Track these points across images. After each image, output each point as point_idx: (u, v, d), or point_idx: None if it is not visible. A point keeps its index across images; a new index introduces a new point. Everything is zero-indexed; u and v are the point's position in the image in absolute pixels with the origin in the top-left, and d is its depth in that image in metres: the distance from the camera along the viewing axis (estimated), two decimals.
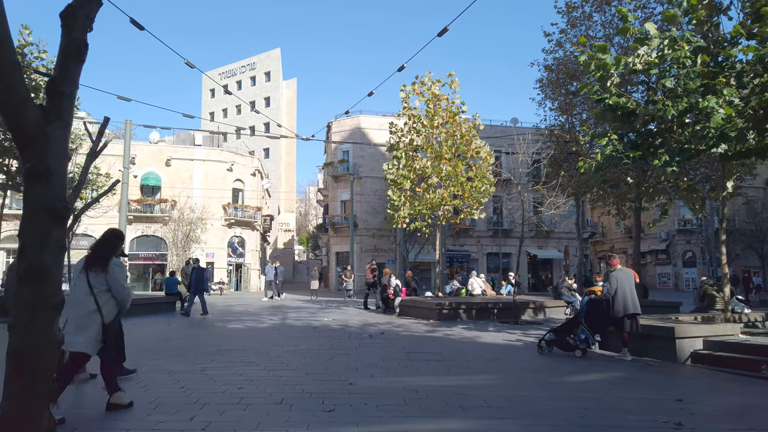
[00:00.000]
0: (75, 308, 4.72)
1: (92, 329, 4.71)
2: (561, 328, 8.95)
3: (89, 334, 4.69)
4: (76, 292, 4.80)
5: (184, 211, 35.43)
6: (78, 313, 4.71)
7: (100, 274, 4.80)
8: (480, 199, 18.59)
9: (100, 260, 4.85)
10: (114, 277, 4.84)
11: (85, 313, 4.71)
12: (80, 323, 4.69)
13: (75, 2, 2.44)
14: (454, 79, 18.86)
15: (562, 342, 8.77)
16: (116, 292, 4.87)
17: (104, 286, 4.80)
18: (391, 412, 4.91)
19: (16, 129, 2.26)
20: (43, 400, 2.36)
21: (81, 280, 4.80)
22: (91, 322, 4.71)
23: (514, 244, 38.34)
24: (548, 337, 8.89)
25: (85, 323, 4.70)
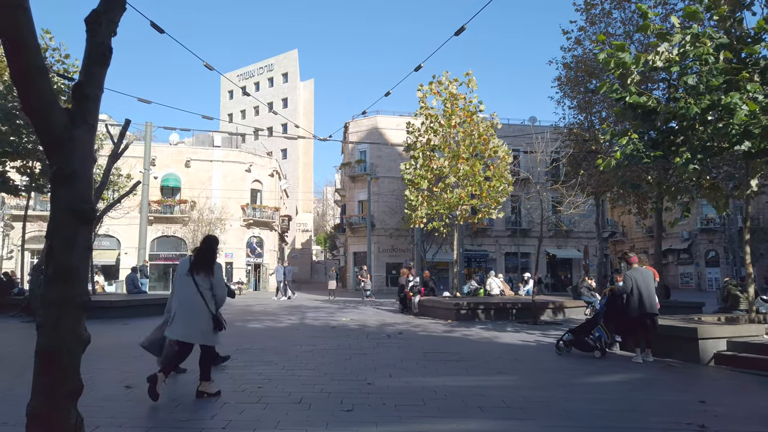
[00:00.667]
0: (184, 305, 5.37)
1: (206, 324, 5.35)
2: (579, 328, 8.86)
3: (205, 329, 5.34)
4: (185, 291, 5.40)
5: (203, 212, 35.82)
6: (187, 309, 5.34)
7: (203, 275, 5.40)
8: (498, 198, 18.48)
9: (206, 264, 5.47)
10: (218, 278, 5.52)
11: (193, 309, 5.32)
12: (194, 320, 5.32)
13: (99, 7, 2.49)
14: (472, 78, 18.78)
15: (580, 342, 8.67)
16: (218, 291, 5.49)
17: (208, 285, 5.41)
18: (410, 412, 4.91)
19: (43, 132, 2.31)
20: (70, 398, 2.41)
21: (188, 280, 5.40)
22: (203, 318, 5.33)
23: (533, 243, 38.04)
24: (566, 337, 8.80)
25: (198, 320, 5.31)
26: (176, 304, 5.46)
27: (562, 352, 8.69)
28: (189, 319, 5.31)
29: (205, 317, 5.35)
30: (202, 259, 5.50)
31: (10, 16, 2.11)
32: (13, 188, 17.73)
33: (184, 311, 5.34)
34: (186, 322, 5.31)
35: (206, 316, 5.36)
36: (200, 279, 5.39)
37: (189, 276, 5.41)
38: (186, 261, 5.58)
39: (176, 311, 5.40)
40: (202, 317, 5.34)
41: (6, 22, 2.13)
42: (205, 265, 5.45)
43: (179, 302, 5.40)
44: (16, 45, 2.17)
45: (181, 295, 5.43)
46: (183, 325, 5.31)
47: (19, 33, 2.14)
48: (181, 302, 5.38)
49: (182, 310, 5.35)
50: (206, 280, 5.41)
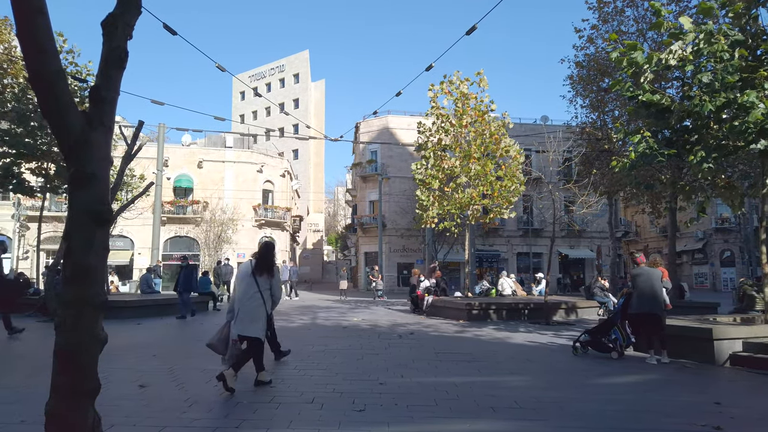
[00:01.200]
0: (247, 304, 5.88)
1: (262, 320, 5.95)
2: (596, 329, 8.79)
3: (260, 324, 5.94)
4: (247, 291, 5.94)
5: (215, 212, 36.05)
6: (250, 307, 5.88)
7: (266, 276, 6.02)
8: (510, 198, 18.41)
9: (267, 266, 6.09)
10: (277, 279, 6.21)
11: (255, 307, 5.89)
12: (252, 315, 5.87)
13: (115, 11, 2.52)
14: (483, 78, 18.73)
15: (597, 343, 8.61)
16: (275, 292, 6.15)
17: (268, 286, 6.03)
18: (422, 413, 4.91)
19: (61, 135, 2.35)
20: (88, 396, 2.44)
21: (251, 281, 5.97)
22: (260, 314, 5.93)
23: (545, 243, 37.83)
24: (583, 338, 8.74)
25: (256, 315, 5.89)
26: (238, 304, 5.93)
27: (578, 353, 8.63)
28: (248, 316, 5.86)
29: (262, 315, 5.96)
30: (264, 262, 6.09)
31: (28, 21, 2.15)
32: (28, 189, 17.95)
33: (245, 309, 5.88)
34: (246, 318, 5.85)
35: (263, 313, 5.97)
36: (262, 280, 5.99)
37: (252, 277, 5.99)
38: (247, 264, 6.18)
39: (239, 310, 5.89)
40: (259, 314, 5.92)
41: (25, 27, 2.17)
42: (266, 267, 6.07)
43: (240, 301, 5.91)
44: (34, 49, 2.20)
45: (242, 295, 5.94)
46: (244, 322, 5.85)
47: (37, 37, 2.18)
48: (242, 301, 5.90)
49: (243, 308, 5.88)
50: (267, 280, 6.04)
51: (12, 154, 16.86)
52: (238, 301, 5.94)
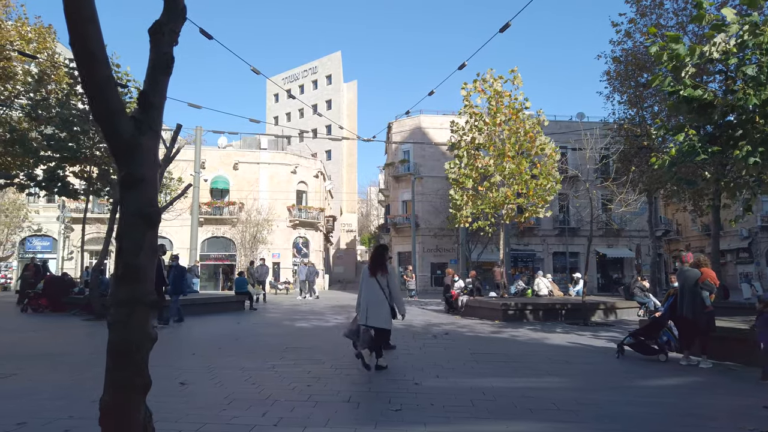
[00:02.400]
0: (372, 299, 6.90)
1: (385, 312, 6.90)
2: (642, 331, 8.52)
3: (385, 316, 6.88)
4: (371, 289, 6.97)
5: (251, 213, 36.62)
6: (375, 302, 6.88)
7: (383, 275, 6.98)
8: (545, 197, 18.14)
9: (382, 266, 7.06)
10: (392, 277, 7.10)
11: (379, 302, 6.89)
12: (378, 309, 6.85)
13: (162, 18, 2.59)
14: (517, 75, 18.51)
15: (641, 345, 8.36)
16: (392, 288, 7.06)
17: (386, 283, 6.98)
18: (458, 413, 4.88)
19: (112, 139, 2.43)
20: (140, 392, 2.51)
21: (372, 281, 7.00)
22: (384, 308, 6.89)
23: (582, 243, 37.15)
24: (628, 340, 8.49)
25: (381, 309, 6.86)
26: (364, 300, 6.96)
27: (623, 355, 8.39)
28: (375, 309, 6.85)
29: (386, 307, 6.92)
30: (377, 263, 7.07)
31: (80, 29, 2.23)
32: (72, 192, 18.57)
33: (371, 304, 6.88)
34: (373, 311, 6.83)
35: (387, 306, 6.93)
36: (380, 278, 6.97)
37: (372, 277, 6.99)
38: (366, 267, 7.21)
39: (366, 305, 6.90)
40: (384, 307, 6.89)
41: (77, 35, 2.24)
42: (380, 267, 7.04)
43: (366, 298, 6.96)
44: (87, 56, 2.28)
45: (367, 292, 6.98)
46: (371, 314, 6.82)
47: (89, 45, 2.25)
48: (367, 297, 6.94)
49: (370, 303, 6.89)
50: (384, 278, 6.99)
51: (57, 158, 17.47)
52: (364, 298, 6.98)
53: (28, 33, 19.49)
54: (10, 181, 18.55)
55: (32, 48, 19.23)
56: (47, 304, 16.40)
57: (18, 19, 19.43)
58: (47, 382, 6.10)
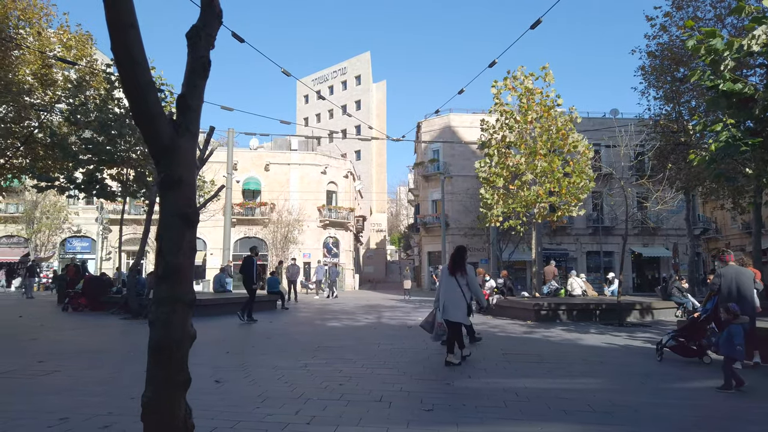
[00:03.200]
0: (450, 296, 7.46)
1: (462, 309, 7.46)
2: (684, 332, 8.25)
3: (461, 312, 7.44)
4: (449, 286, 7.51)
5: (282, 214, 37.03)
6: (453, 299, 7.44)
7: (461, 275, 7.49)
8: (578, 195, 17.84)
9: (461, 266, 7.55)
10: (471, 276, 7.58)
11: (457, 299, 7.44)
12: (455, 305, 7.41)
13: (199, 23, 2.64)
14: (548, 72, 18.25)
15: (683, 347, 8.11)
16: (472, 287, 7.59)
17: (465, 282, 7.49)
18: (491, 414, 4.83)
19: (152, 142, 2.49)
20: (180, 389, 2.56)
21: (451, 279, 7.53)
22: (461, 305, 7.45)
23: (617, 242, 36.40)
24: (669, 342, 8.20)
25: (458, 305, 7.42)
26: (443, 296, 7.51)
27: (660, 357, 8.13)
28: (452, 305, 7.40)
29: (463, 304, 7.46)
30: (457, 263, 7.57)
31: (121, 35, 2.30)
32: (110, 194, 19.11)
33: (449, 300, 7.44)
34: (450, 307, 7.39)
35: (464, 303, 7.47)
36: (459, 277, 7.48)
37: (451, 276, 7.51)
38: (446, 267, 7.73)
39: (444, 301, 7.46)
40: (461, 304, 7.43)
41: (118, 41, 2.31)
42: (459, 267, 7.53)
43: (445, 294, 7.50)
44: (128, 61, 2.35)
45: (445, 290, 7.52)
46: (448, 310, 7.38)
47: (130, 50, 2.33)
48: (446, 294, 7.48)
49: (448, 300, 7.44)
50: (462, 277, 7.50)
51: (95, 161, 17.99)
52: (443, 294, 7.51)
53: (69, 40, 20.12)
54: (51, 183, 19.18)
55: (72, 55, 19.84)
56: (87, 304, 16.88)
57: (60, 27, 20.07)
58: (87, 378, 6.27)
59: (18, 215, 36.43)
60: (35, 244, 36.23)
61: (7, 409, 4.73)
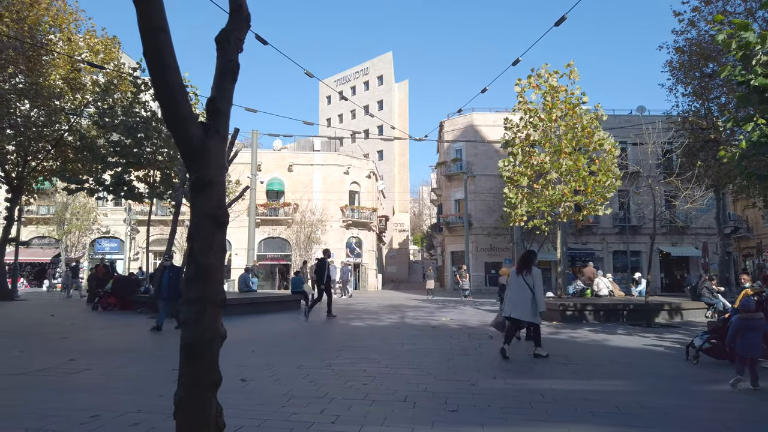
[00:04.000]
0: (519, 295, 8.03)
1: (530, 307, 7.95)
2: (719, 333, 7.99)
3: (529, 310, 7.94)
4: (518, 286, 8.07)
5: (305, 214, 37.28)
6: (521, 298, 7.98)
7: (527, 275, 8.05)
8: (604, 194, 17.57)
9: (528, 267, 8.13)
10: (536, 277, 8.09)
11: (526, 298, 7.96)
12: (524, 304, 7.95)
13: (228, 27, 2.68)
14: (573, 69, 18.01)
15: (717, 349, 7.87)
16: (536, 287, 8.02)
17: (531, 282, 8.00)
18: (517, 415, 4.79)
19: (183, 144, 2.54)
20: (211, 388, 2.60)
21: (519, 278, 8.12)
22: (529, 303, 7.94)
23: (644, 241, 35.75)
24: (702, 343, 7.91)
25: (526, 304, 7.93)
26: (512, 295, 8.13)
27: (696, 360, 7.83)
28: (519, 304, 7.97)
29: (530, 303, 7.94)
30: (525, 264, 8.15)
31: (152, 39, 2.35)
32: (137, 195, 19.49)
33: (517, 299, 8.02)
34: (519, 305, 7.98)
35: (531, 302, 7.94)
36: (525, 277, 8.03)
37: (519, 276, 8.11)
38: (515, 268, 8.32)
39: (513, 299, 8.08)
40: (527, 302, 7.94)
41: (149, 45, 2.36)
42: (526, 268, 8.11)
43: (514, 293, 8.11)
44: (159, 65, 2.40)
45: (514, 289, 8.12)
46: (516, 308, 8.00)
47: (162, 54, 2.38)
48: (515, 293, 8.07)
49: (516, 298, 8.04)
50: (529, 277, 8.03)
51: (122, 163, 18.37)
52: (511, 293, 8.15)
53: (96, 45, 20.57)
54: (81, 185, 19.65)
55: (100, 59, 20.28)
56: (116, 303, 17.23)
57: (87, 32, 20.52)
58: (117, 376, 6.40)
59: (49, 216, 37.38)
60: (66, 244, 37.13)
61: (41, 406, 4.85)
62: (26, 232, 36.21)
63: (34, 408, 4.81)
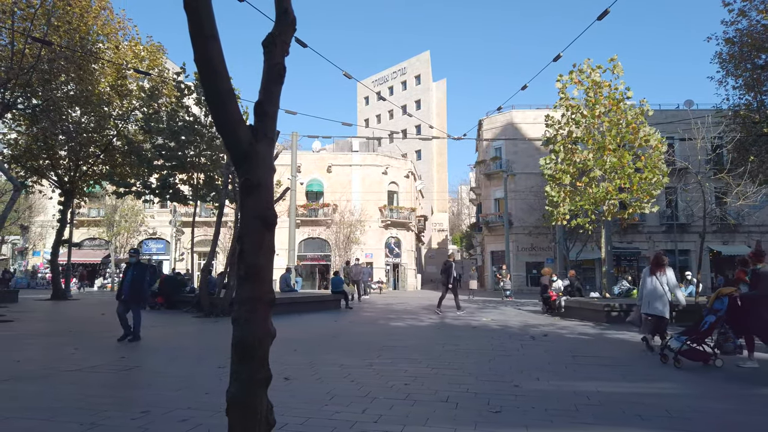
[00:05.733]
0: (652, 293, 8.64)
1: (663, 304, 8.57)
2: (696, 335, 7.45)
3: (663, 306, 8.57)
4: (651, 284, 8.69)
5: (344, 214, 37.57)
6: (654, 295, 8.61)
7: (662, 275, 8.65)
8: (651, 191, 17.05)
9: (661, 267, 8.69)
10: (669, 275, 8.67)
11: (658, 295, 8.58)
12: (657, 300, 8.58)
13: (274, 30, 2.73)
14: (617, 64, 17.55)
15: (693, 351, 7.36)
16: (671, 284, 8.63)
17: (665, 280, 8.63)
18: (561, 417, 4.69)
19: (233, 147, 2.61)
20: (262, 385, 2.66)
21: (652, 278, 8.71)
22: (663, 300, 8.58)
23: (694, 239, 34.53)
24: (677, 345, 7.41)
25: (660, 300, 8.58)
26: (647, 293, 8.74)
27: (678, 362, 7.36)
28: (654, 300, 8.60)
29: (663, 299, 8.57)
30: (657, 265, 8.72)
31: (203, 46, 2.42)
32: (182, 198, 20.03)
33: (651, 296, 8.64)
34: (653, 301, 8.61)
35: (664, 298, 8.58)
36: (659, 276, 8.64)
37: (652, 275, 8.70)
38: (646, 269, 9.02)
39: (647, 297, 8.71)
40: (661, 299, 8.57)
41: (200, 52, 2.43)
42: (659, 268, 8.70)
43: (648, 292, 8.71)
44: (209, 71, 2.46)
45: (649, 288, 8.73)
46: (651, 304, 8.63)
47: (212, 60, 2.45)
48: (649, 292, 8.70)
49: (650, 296, 8.65)
50: (663, 276, 8.64)
51: (167, 167, 18.90)
52: (647, 292, 8.71)
53: (141, 52, 21.23)
54: (129, 189, 20.31)
55: (144, 65, 20.93)
56: (163, 302, 17.74)
57: (131, 39, 21.21)
58: (166, 374, 6.59)
59: (99, 219, 38.82)
60: (115, 246, 38.49)
61: (96, 402, 5.04)
62: (78, 234, 37.67)
63: (88, 403, 5.00)
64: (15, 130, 20.46)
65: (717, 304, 7.51)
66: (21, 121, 20.05)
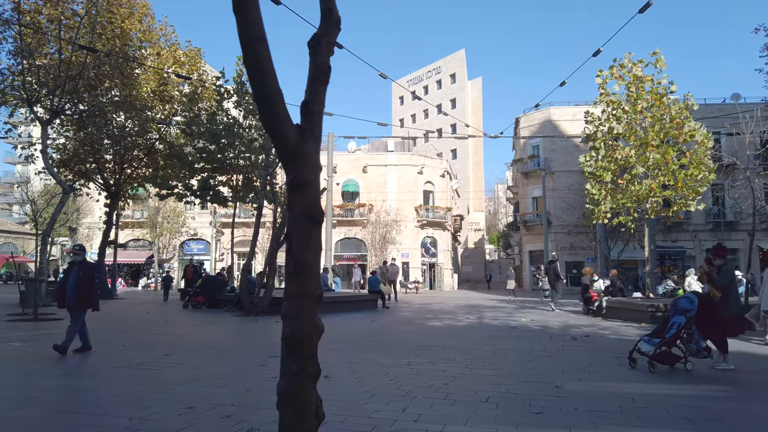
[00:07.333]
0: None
1: None
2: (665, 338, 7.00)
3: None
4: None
5: (380, 214, 37.66)
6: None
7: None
8: (697, 188, 16.51)
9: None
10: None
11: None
12: None
13: (319, 31, 2.79)
14: (660, 58, 17.05)
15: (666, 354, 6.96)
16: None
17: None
18: (605, 419, 4.59)
19: (281, 146, 2.68)
20: (311, 380, 2.71)
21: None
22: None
23: (742, 237, 33.21)
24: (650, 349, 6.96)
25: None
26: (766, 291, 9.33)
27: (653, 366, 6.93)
28: None
29: None
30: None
31: (252, 48, 2.49)
32: (222, 199, 20.46)
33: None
34: None
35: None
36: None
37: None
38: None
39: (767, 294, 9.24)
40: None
41: (249, 54, 2.50)
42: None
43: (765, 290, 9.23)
44: (258, 72, 2.53)
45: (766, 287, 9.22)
46: None
47: (261, 62, 2.52)
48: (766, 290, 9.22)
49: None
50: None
51: (208, 169, 19.33)
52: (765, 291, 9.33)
53: (181, 57, 21.77)
54: (171, 191, 20.87)
55: (185, 70, 21.45)
56: (204, 301, 18.16)
57: (171, 45, 21.76)
58: (209, 371, 6.74)
59: (143, 220, 39.99)
60: (158, 246, 39.59)
61: (142, 397, 5.20)
62: (123, 235, 38.89)
63: (136, 398, 5.17)
64: (63, 135, 21.28)
65: (686, 304, 7.14)
66: (69, 126, 20.83)
